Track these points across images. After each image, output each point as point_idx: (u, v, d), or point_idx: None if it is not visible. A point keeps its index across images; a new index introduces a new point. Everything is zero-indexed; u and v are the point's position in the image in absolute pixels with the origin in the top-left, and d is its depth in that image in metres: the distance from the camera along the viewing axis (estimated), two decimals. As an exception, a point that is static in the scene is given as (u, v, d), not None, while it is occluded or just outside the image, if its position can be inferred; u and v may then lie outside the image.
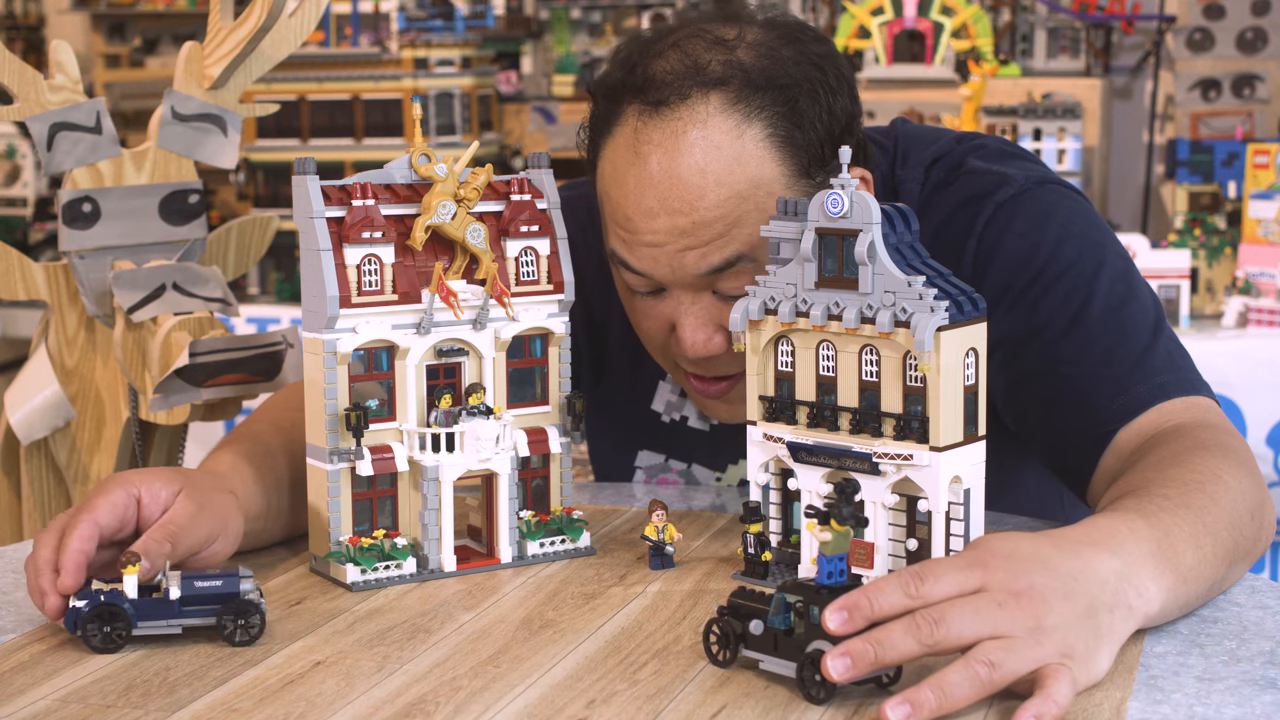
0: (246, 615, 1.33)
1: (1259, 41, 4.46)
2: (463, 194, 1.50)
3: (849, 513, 1.24)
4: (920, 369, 1.34)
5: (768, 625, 1.22)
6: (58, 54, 2.00)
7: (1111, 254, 1.65)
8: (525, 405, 1.56)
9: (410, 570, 1.49)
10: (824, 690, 1.17)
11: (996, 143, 1.77)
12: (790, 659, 1.20)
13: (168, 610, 1.33)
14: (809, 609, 1.19)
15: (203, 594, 1.34)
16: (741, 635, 1.24)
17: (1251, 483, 1.43)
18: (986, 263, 1.64)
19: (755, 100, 1.56)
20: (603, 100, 1.64)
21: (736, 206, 1.56)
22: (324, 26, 4.57)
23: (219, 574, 1.35)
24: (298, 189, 1.48)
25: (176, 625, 1.34)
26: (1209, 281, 3.81)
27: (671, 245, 1.58)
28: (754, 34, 1.60)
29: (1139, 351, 1.58)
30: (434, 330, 1.50)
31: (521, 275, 1.55)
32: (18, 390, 2.13)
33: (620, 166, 1.60)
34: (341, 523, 1.48)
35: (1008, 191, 1.66)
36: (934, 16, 4.54)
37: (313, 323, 1.48)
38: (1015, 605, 1.17)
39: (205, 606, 1.34)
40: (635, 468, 1.92)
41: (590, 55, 5.11)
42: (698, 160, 1.55)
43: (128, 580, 1.33)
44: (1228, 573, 1.37)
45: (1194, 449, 1.44)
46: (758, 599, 1.24)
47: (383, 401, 1.49)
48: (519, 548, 1.54)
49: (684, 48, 1.59)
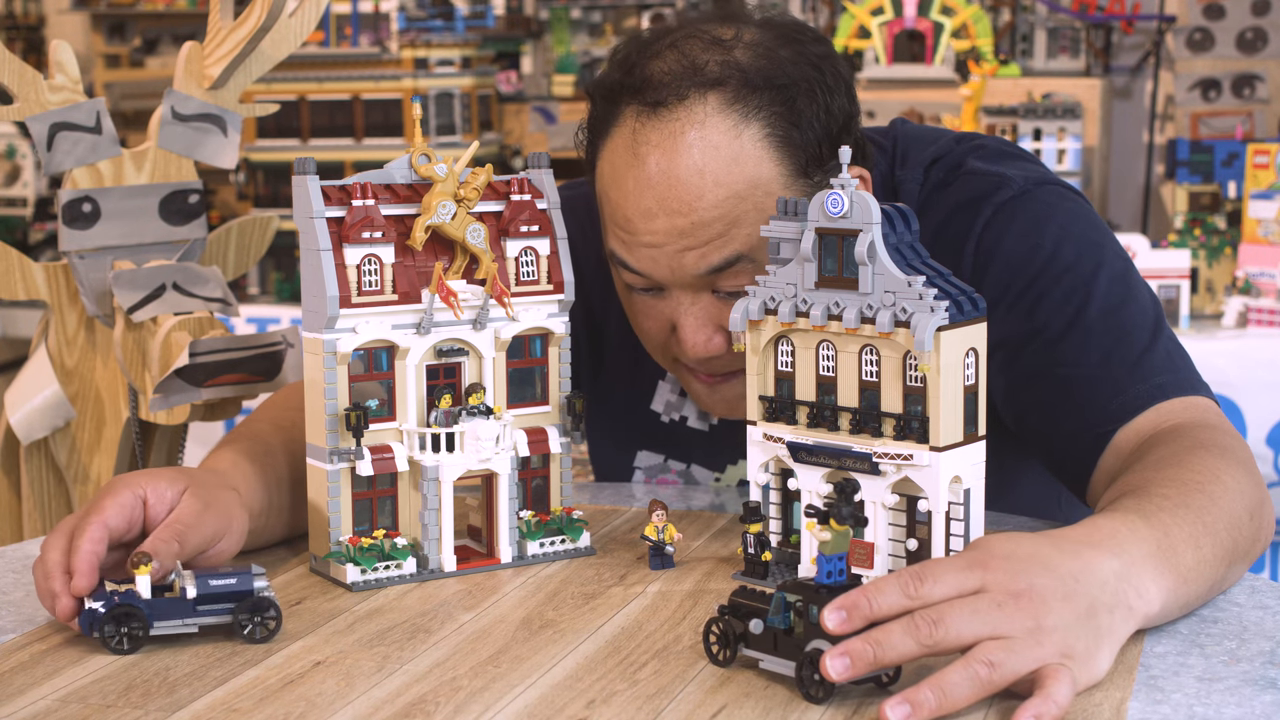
0: (263, 612, 1.34)
1: (1259, 41, 4.46)
2: (463, 194, 1.50)
3: (848, 512, 1.24)
4: (920, 369, 1.34)
5: (767, 624, 1.22)
6: (58, 54, 2.00)
7: (1110, 254, 1.65)
8: (525, 405, 1.56)
9: (410, 570, 1.49)
10: (823, 689, 1.18)
11: (996, 143, 1.77)
12: (789, 658, 1.21)
13: (184, 609, 1.34)
14: (808, 608, 1.19)
15: (218, 592, 1.34)
16: (741, 635, 1.24)
17: (1250, 483, 1.43)
18: (986, 264, 1.64)
19: (753, 100, 1.56)
20: (601, 101, 1.64)
21: (735, 206, 1.56)
22: (324, 26, 4.57)
23: (233, 572, 1.35)
24: (298, 189, 1.48)
25: (193, 624, 1.34)
26: (1209, 281, 3.81)
27: (670, 246, 1.58)
28: (751, 34, 1.60)
29: (1138, 352, 1.58)
30: (434, 330, 1.50)
31: (521, 275, 1.55)
32: (18, 390, 2.13)
33: (619, 167, 1.60)
34: (341, 523, 1.48)
35: (1007, 193, 1.66)
36: (934, 16, 4.54)
37: (313, 323, 1.48)
38: (1015, 606, 1.17)
39: (221, 605, 1.34)
40: (635, 468, 1.92)
41: (590, 55, 5.11)
42: (696, 160, 1.55)
43: (140, 580, 1.33)
44: (1227, 573, 1.37)
45: (1193, 449, 1.44)
46: (758, 598, 1.24)
47: (383, 401, 1.49)
48: (519, 548, 1.54)
49: (681, 48, 1.59)
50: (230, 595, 1.34)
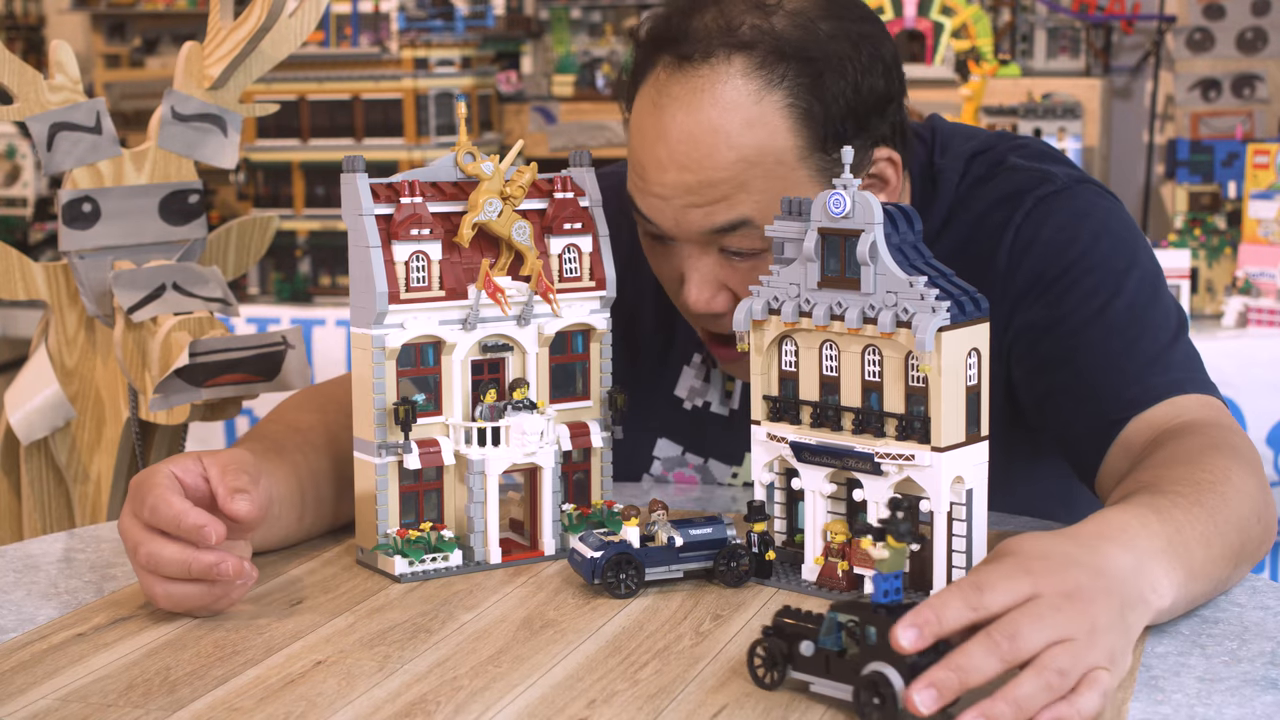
0: (738, 558, 1.44)
1: (1259, 41, 4.46)
2: (509, 191, 1.52)
3: (905, 529, 1.19)
4: (921, 369, 1.34)
5: (818, 646, 1.18)
6: (58, 54, 2.00)
7: (1144, 256, 1.68)
8: (567, 400, 1.58)
9: (457, 562, 1.50)
10: (881, 714, 1.13)
11: (1037, 143, 1.80)
12: (844, 681, 1.16)
13: (671, 557, 1.44)
14: (864, 629, 1.15)
15: (699, 540, 1.44)
16: (789, 656, 1.20)
17: (1257, 485, 1.43)
18: (1023, 253, 1.66)
19: (779, 69, 1.56)
20: (639, 48, 1.65)
21: (745, 170, 1.57)
22: (324, 26, 4.57)
23: (707, 522, 1.45)
24: (346, 186, 1.49)
25: (678, 570, 1.44)
26: (1209, 281, 3.81)
27: (677, 200, 1.59)
28: (797, 3, 1.60)
29: (1157, 349, 1.60)
30: (479, 326, 1.52)
31: (565, 272, 1.57)
32: (18, 390, 2.13)
33: (642, 115, 1.62)
34: (389, 515, 1.50)
35: (1049, 188, 1.69)
36: (934, 16, 4.54)
37: (361, 318, 1.49)
38: (1071, 608, 1.15)
39: (702, 552, 1.44)
40: (653, 458, 1.91)
41: (590, 55, 5.11)
42: (712, 119, 1.56)
43: (629, 530, 1.43)
44: (1233, 573, 1.38)
45: (1206, 448, 1.44)
46: (805, 619, 1.20)
47: (428, 397, 1.51)
48: (561, 540, 1.55)
49: (723, 6, 1.60)
50: (709, 544, 1.44)
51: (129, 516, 1.41)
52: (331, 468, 1.60)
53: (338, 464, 1.60)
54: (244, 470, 1.43)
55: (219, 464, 1.43)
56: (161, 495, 1.38)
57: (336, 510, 1.61)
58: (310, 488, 1.57)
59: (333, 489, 1.60)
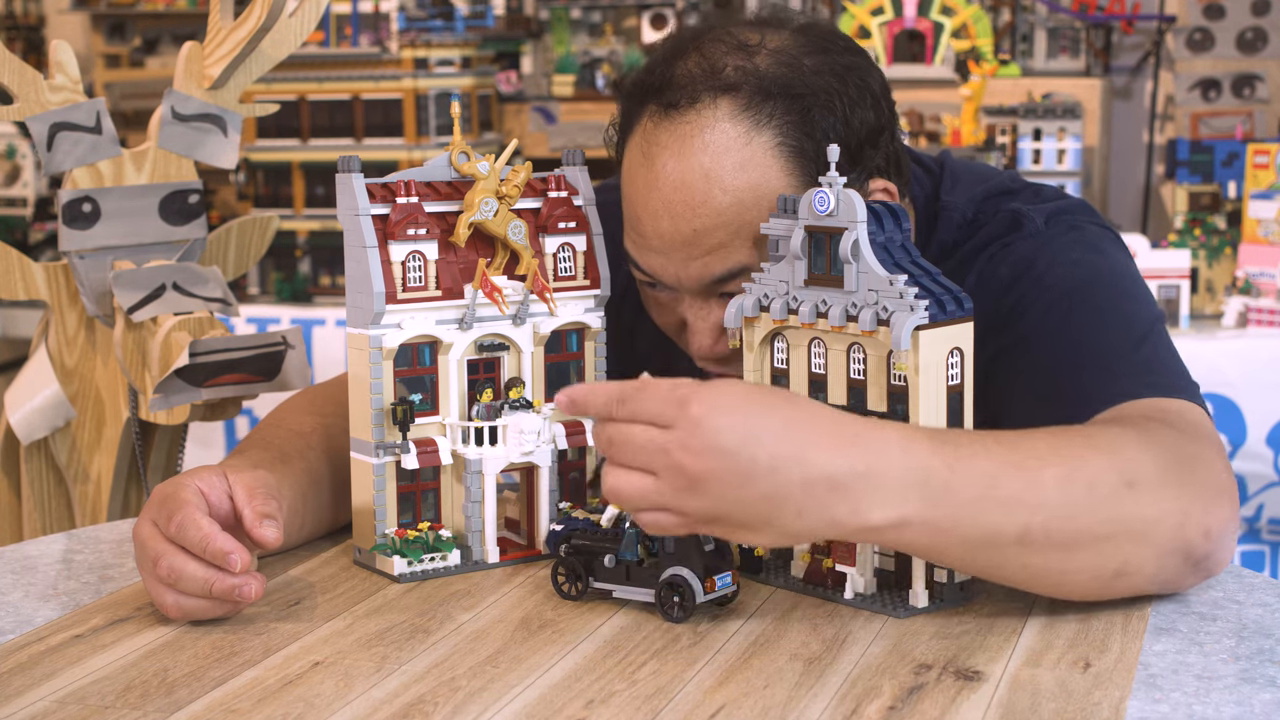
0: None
1: (1259, 41, 4.46)
2: (504, 191, 1.52)
3: None
4: (897, 368, 1.34)
5: (619, 559, 1.38)
6: (58, 54, 2.00)
7: (1107, 266, 1.62)
8: None
9: (455, 562, 1.51)
10: (680, 610, 1.34)
11: (1050, 191, 1.74)
12: (645, 586, 1.37)
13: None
14: (663, 540, 1.36)
15: None
16: (589, 570, 1.40)
17: (1159, 469, 1.33)
18: (979, 293, 1.61)
19: (765, 108, 1.54)
20: (625, 99, 1.64)
21: (740, 214, 1.54)
22: (324, 26, 4.56)
23: None
24: (342, 186, 1.49)
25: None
26: (1209, 281, 3.81)
27: (676, 253, 1.57)
28: (779, 40, 1.58)
29: (1124, 355, 1.53)
30: (475, 325, 1.52)
31: (559, 271, 1.57)
32: (18, 390, 2.13)
33: (633, 166, 1.60)
34: (387, 515, 1.50)
35: (1017, 233, 1.64)
36: (934, 16, 4.54)
37: (358, 318, 1.49)
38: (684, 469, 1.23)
39: None
40: None
41: (590, 55, 5.11)
42: (703, 164, 1.54)
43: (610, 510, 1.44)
44: (1089, 551, 1.30)
45: (1109, 425, 1.39)
46: (601, 538, 1.40)
47: (424, 397, 1.51)
48: None
49: (705, 51, 1.58)
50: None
51: (149, 525, 1.40)
52: (331, 472, 1.60)
53: (337, 468, 1.60)
54: (271, 495, 1.44)
55: (244, 485, 1.43)
56: (190, 515, 1.38)
57: (336, 514, 1.61)
58: (312, 494, 1.58)
59: (332, 493, 1.60)
